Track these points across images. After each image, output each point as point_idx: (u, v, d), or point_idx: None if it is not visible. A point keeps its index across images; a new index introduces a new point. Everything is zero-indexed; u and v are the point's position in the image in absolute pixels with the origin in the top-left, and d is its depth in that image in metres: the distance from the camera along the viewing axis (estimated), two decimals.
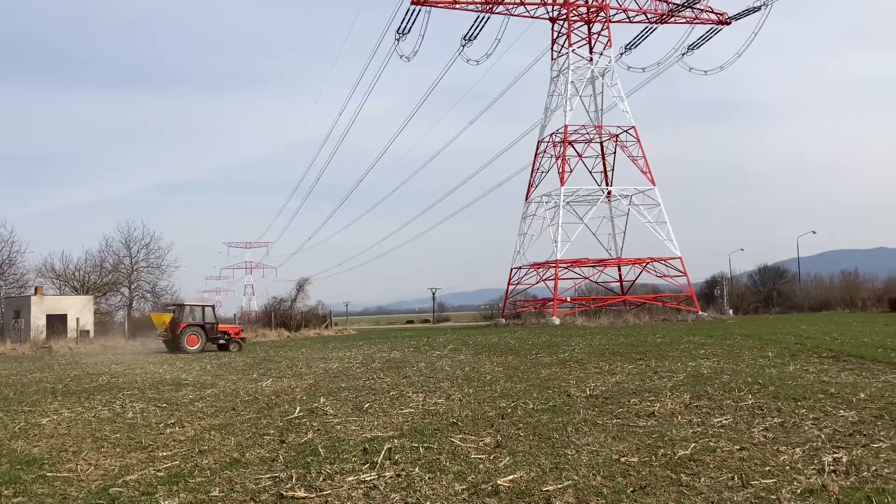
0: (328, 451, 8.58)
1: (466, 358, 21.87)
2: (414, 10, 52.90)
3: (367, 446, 8.68)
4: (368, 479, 7.17)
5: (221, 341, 32.12)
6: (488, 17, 54.67)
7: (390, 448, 8.41)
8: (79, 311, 42.68)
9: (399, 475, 7.29)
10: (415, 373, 17.70)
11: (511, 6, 54.69)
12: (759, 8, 54.59)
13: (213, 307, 34.47)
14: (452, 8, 53.70)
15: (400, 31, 54.47)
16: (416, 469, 7.46)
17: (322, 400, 13.06)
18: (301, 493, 6.75)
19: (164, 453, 8.88)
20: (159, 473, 7.79)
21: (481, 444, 8.63)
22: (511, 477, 7.00)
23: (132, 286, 56.76)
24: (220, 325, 33.12)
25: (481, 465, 7.56)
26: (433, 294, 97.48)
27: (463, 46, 56.20)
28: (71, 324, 40.61)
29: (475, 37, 55.94)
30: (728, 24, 57.77)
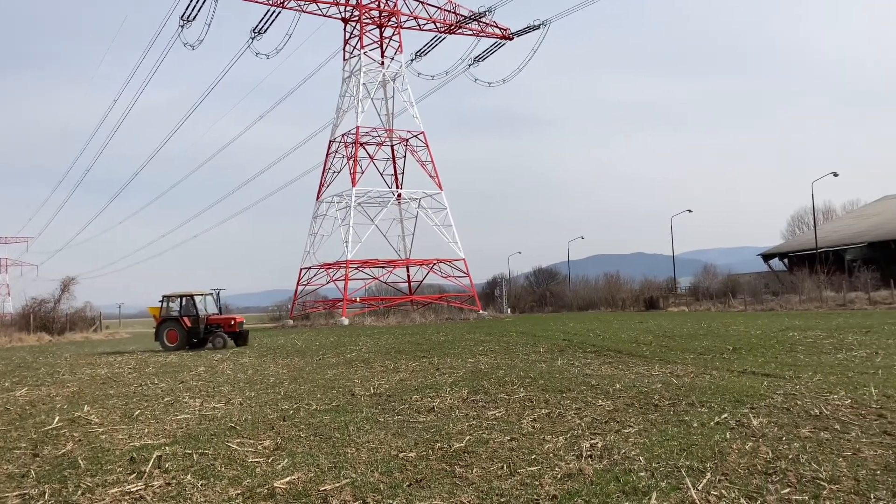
0: (90, 462, 7.92)
1: (250, 360, 21.22)
2: None
3: (134, 455, 8.12)
4: (134, 489, 6.72)
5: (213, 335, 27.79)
6: (279, 12, 53.62)
7: (160, 456, 7.94)
8: None
9: (169, 484, 6.90)
10: (193, 377, 16.86)
11: (303, 3, 54.02)
12: (538, 27, 58.45)
13: (191, 296, 28.76)
14: None
15: (184, 18, 51.83)
16: (189, 476, 7.10)
17: (86, 408, 12.03)
18: None
19: None
20: None
21: (260, 447, 8.41)
22: (288, 479, 6.89)
23: None
24: (211, 318, 28.58)
25: (258, 469, 7.36)
26: (217, 295, 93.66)
27: (252, 39, 54.64)
28: None
29: (265, 30, 54.61)
30: (511, 39, 61.24)
